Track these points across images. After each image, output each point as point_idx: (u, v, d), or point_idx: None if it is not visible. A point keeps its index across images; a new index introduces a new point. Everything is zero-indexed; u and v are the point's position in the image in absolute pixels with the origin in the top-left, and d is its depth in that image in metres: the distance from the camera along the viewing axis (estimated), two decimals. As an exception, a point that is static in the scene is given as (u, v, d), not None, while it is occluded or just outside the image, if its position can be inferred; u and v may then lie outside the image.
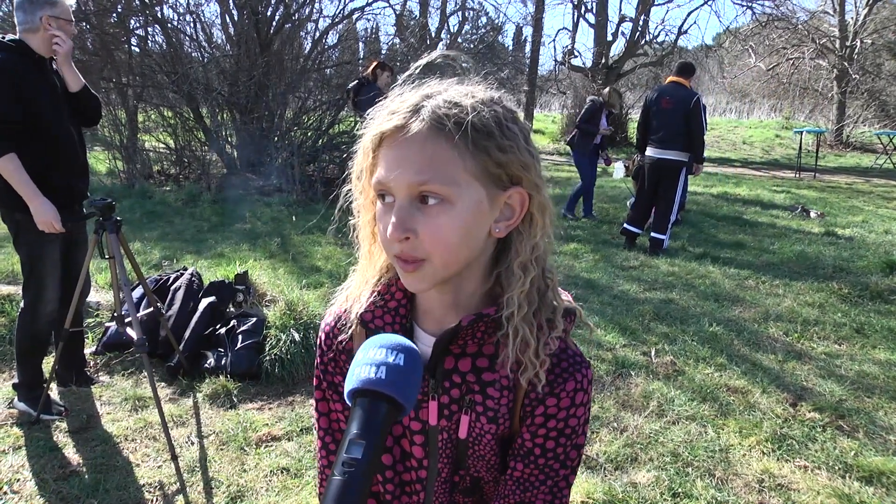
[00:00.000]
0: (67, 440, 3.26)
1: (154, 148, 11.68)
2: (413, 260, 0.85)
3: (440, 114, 0.82)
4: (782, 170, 15.88)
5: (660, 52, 21.50)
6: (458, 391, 0.96)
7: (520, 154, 0.86)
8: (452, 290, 0.94)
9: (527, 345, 0.91)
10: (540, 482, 0.99)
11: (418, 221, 0.83)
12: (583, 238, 7.65)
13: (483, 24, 24.14)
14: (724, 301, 5.40)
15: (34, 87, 3.12)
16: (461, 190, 0.83)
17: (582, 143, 8.67)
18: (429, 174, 0.81)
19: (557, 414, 0.96)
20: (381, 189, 0.85)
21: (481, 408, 0.96)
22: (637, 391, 3.78)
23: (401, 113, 0.83)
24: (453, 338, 0.93)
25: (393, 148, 0.84)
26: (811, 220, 8.97)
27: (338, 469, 0.68)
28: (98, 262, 5.58)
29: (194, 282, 4.54)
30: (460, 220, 0.83)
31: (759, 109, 27.70)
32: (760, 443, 3.25)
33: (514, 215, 0.90)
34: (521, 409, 0.97)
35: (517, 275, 0.91)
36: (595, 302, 5.29)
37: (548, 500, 1.01)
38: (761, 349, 4.41)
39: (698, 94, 6.88)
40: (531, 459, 0.98)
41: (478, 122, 0.82)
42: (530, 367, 0.91)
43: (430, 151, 0.82)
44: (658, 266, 6.47)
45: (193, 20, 11.88)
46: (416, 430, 1.00)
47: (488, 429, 0.97)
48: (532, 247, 0.91)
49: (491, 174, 0.85)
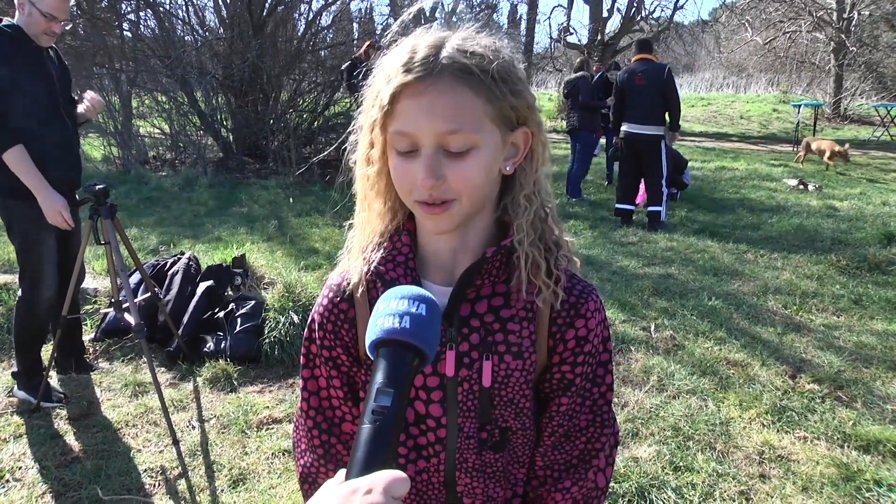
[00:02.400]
0: (68, 427, 3.26)
1: (149, 133, 11.61)
2: (441, 202, 0.89)
3: (462, 62, 0.85)
4: (780, 143, 15.82)
5: (656, 28, 21.32)
6: (477, 336, 0.96)
7: (528, 96, 0.92)
8: (462, 233, 0.97)
9: (538, 267, 0.95)
10: (580, 406, 1.03)
11: (447, 167, 0.87)
12: (581, 215, 7.63)
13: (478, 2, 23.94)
14: (722, 275, 5.39)
15: (26, 74, 3.08)
16: (484, 135, 0.88)
17: (591, 120, 8.58)
18: (456, 123, 0.85)
19: (588, 335, 0.99)
20: (402, 139, 0.88)
21: (504, 346, 0.96)
22: (637, 366, 3.78)
23: (417, 64, 0.85)
24: (475, 274, 0.95)
25: (416, 98, 0.85)
26: (809, 193, 8.95)
27: (368, 417, 0.69)
28: (95, 248, 5.57)
29: (192, 266, 4.52)
30: (485, 161, 0.88)
31: (757, 84, 27.56)
32: (760, 415, 3.26)
33: (519, 153, 0.95)
34: (550, 339, 0.99)
35: (523, 205, 0.95)
36: (594, 278, 5.28)
37: (590, 418, 1.04)
38: (760, 322, 4.42)
39: (668, 65, 7.04)
40: (575, 389, 1.01)
41: (494, 69, 0.87)
42: (545, 288, 0.95)
43: (456, 99, 0.85)
44: (657, 241, 6.46)
45: (185, 3, 11.78)
46: (434, 385, 0.98)
47: (515, 366, 0.97)
48: (535, 180, 0.97)
49: (505, 117, 0.90)
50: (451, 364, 0.96)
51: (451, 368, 0.97)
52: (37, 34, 3.12)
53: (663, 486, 2.71)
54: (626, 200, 7.37)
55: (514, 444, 1.02)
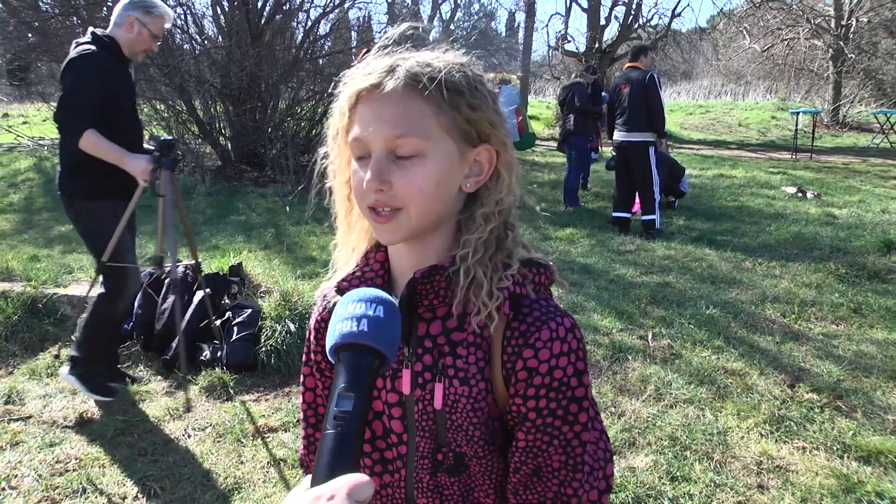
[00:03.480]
0: (65, 435, 3.25)
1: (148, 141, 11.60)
2: (388, 208, 0.89)
3: (414, 72, 0.88)
4: (779, 151, 15.84)
5: (654, 36, 21.38)
6: (430, 357, 0.95)
7: (488, 112, 0.92)
8: (421, 249, 0.97)
9: (479, 287, 0.92)
10: (547, 444, 0.95)
11: (393, 173, 0.88)
12: (578, 223, 7.63)
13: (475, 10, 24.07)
14: (720, 283, 5.39)
15: (118, 83, 3.29)
16: (434, 143, 0.89)
17: (585, 126, 8.61)
18: (404, 127, 0.87)
19: (539, 367, 0.92)
20: (357, 145, 0.90)
21: (452, 370, 0.94)
22: (634, 375, 3.77)
23: (376, 72, 0.89)
24: (412, 294, 0.94)
25: (369, 104, 0.89)
26: (808, 200, 8.96)
27: (330, 423, 0.69)
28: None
29: (189, 274, 4.51)
30: (434, 171, 0.89)
31: (755, 91, 27.61)
32: (759, 425, 3.24)
33: (482, 171, 0.95)
34: (504, 370, 0.94)
35: (478, 222, 0.95)
36: (591, 287, 5.27)
37: (563, 459, 0.95)
38: (758, 331, 4.41)
39: (651, 71, 7.13)
40: (529, 425, 0.94)
41: (449, 80, 0.89)
42: (482, 307, 0.92)
43: (405, 106, 0.87)
44: (654, 250, 6.46)
45: (184, 12, 11.80)
46: (394, 402, 0.98)
47: (462, 391, 0.94)
48: (496, 201, 0.96)
49: (462, 130, 0.91)
50: (406, 383, 0.97)
51: (408, 387, 0.97)
52: (136, 51, 3.36)
53: (660, 497, 2.70)
54: (622, 209, 7.41)
55: (472, 470, 0.98)
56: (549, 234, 7.12)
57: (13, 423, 3.34)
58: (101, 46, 3.26)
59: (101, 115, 3.21)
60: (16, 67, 18.57)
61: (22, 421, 3.36)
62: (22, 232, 7.47)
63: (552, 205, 8.82)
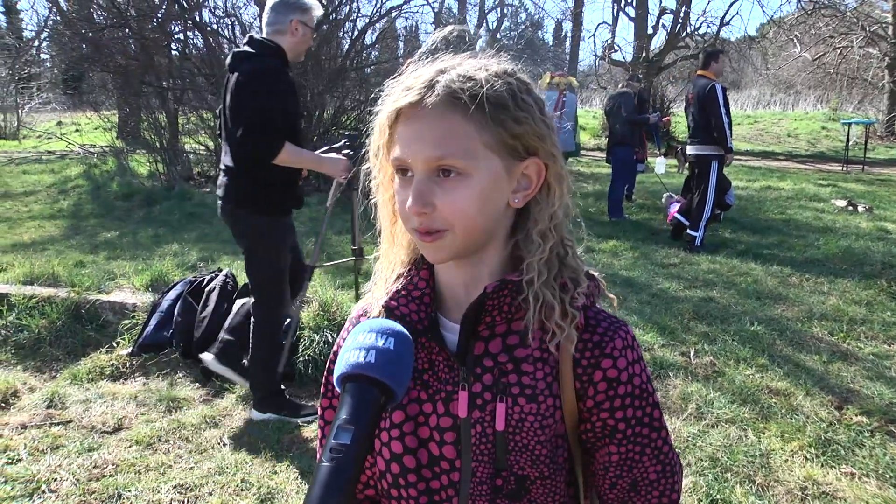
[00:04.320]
0: (103, 441, 3.30)
1: (194, 150, 11.85)
2: (433, 231, 0.87)
3: (455, 88, 0.84)
4: (829, 163, 15.42)
5: (701, 45, 21.05)
6: (490, 376, 0.92)
7: (535, 125, 0.88)
8: (472, 266, 0.94)
9: (551, 309, 0.90)
10: (639, 454, 0.96)
11: (437, 195, 0.85)
12: (622, 235, 7.51)
13: (522, 20, 24.05)
14: (766, 299, 5.23)
15: (293, 92, 3.28)
16: (478, 162, 0.85)
17: (632, 136, 8.49)
18: (445, 148, 0.83)
19: (619, 376, 0.93)
20: (399, 164, 0.87)
21: (517, 388, 0.92)
22: (675, 393, 3.68)
23: (416, 89, 0.85)
24: (480, 311, 0.91)
25: (409, 123, 0.85)
26: (859, 214, 8.68)
27: (326, 455, 0.67)
28: (135, 262, 5.68)
29: (228, 283, 4.56)
30: (478, 191, 0.85)
31: (805, 101, 26.97)
32: (804, 448, 3.13)
33: (531, 185, 0.91)
34: (577, 381, 0.93)
35: (536, 242, 0.91)
36: (633, 301, 5.18)
37: (659, 469, 0.97)
38: (805, 349, 4.26)
39: (713, 82, 6.79)
40: (621, 436, 0.95)
41: (492, 95, 0.84)
42: (559, 331, 0.90)
43: (446, 125, 0.84)
44: (698, 263, 6.32)
45: (232, 23, 12.03)
46: (447, 426, 0.93)
47: (528, 409, 0.91)
48: (550, 215, 0.92)
49: (507, 145, 0.87)
50: (463, 405, 0.93)
51: (464, 410, 0.93)
52: (301, 52, 3.34)
53: (699, 521, 2.62)
54: (686, 214, 7.26)
55: (534, 494, 0.95)
56: (592, 246, 7.03)
57: (54, 427, 3.41)
58: (275, 57, 3.18)
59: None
60: (70, 77, 19.19)
61: (62, 425, 3.43)
62: (69, 238, 7.67)
63: (596, 216, 8.72)
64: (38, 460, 3.11)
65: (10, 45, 17.54)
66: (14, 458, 3.13)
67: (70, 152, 14.10)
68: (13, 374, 3.98)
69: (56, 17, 14.10)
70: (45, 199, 10.15)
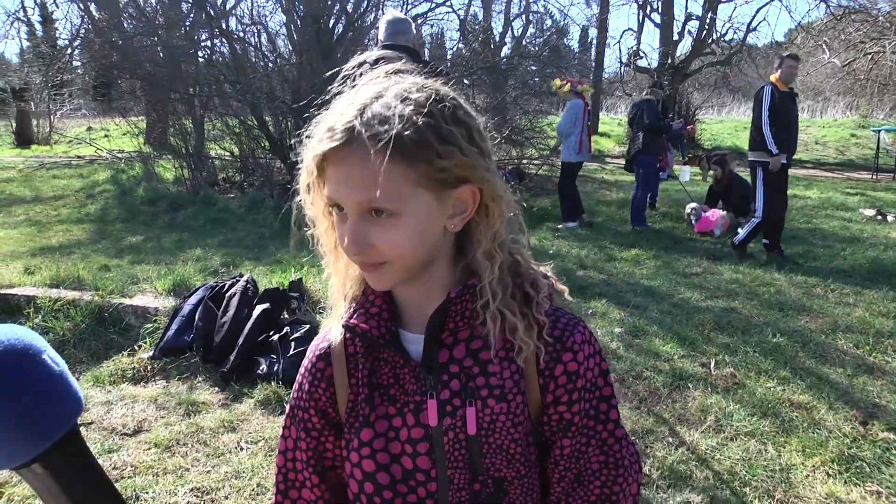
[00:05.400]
0: (122, 442, 3.34)
1: (219, 156, 11.99)
2: (373, 264, 0.88)
3: (374, 132, 0.82)
4: (858, 171, 15.18)
5: (727, 51, 20.87)
6: (457, 382, 0.93)
7: (462, 156, 0.86)
8: (424, 283, 0.95)
9: (513, 326, 0.92)
10: (585, 445, 0.97)
11: (372, 234, 0.85)
12: (644, 244, 7.45)
13: (548, 26, 24.01)
14: (789, 310, 5.16)
15: None
16: (408, 202, 0.85)
17: (655, 144, 8.43)
18: (373, 192, 0.82)
19: (578, 369, 0.95)
20: (333, 202, 0.88)
21: (486, 390, 0.93)
22: (694, 405, 3.64)
23: (338, 131, 0.84)
24: (444, 317, 0.92)
25: (336, 166, 0.85)
26: (888, 224, 8.52)
27: None
28: (159, 266, 5.75)
29: (249, 289, 4.60)
30: (411, 228, 0.86)
31: (834, 108, 26.60)
32: (826, 463, 3.07)
33: (467, 209, 0.91)
34: (539, 377, 0.95)
35: (484, 264, 0.92)
36: (654, 310, 5.13)
37: (602, 459, 0.98)
38: (829, 362, 4.19)
39: (766, 84, 6.57)
40: (574, 429, 0.96)
41: (412, 136, 0.82)
42: (524, 347, 0.92)
43: (372, 170, 0.82)
44: (721, 273, 6.25)
45: (258, 30, 12.17)
46: (419, 437, 0.94)
47: (499, 409, 0.92)
48: (492, 235, 0.92)
49: (435, 179, 0.86)
50: (433, 413, 0.93)
51: (434, 418, 0.93)
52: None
53: (716, 536, 2.58)
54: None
55: (512, 495, 0.96)
56: (613, 255, 6.99)
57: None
58: None
59: None
60: (100, 84, 19.53)
61: (84, 426, 3.47)
62: (96, 242, 7.79)
63: (619, 224, 8.67)
64: (59, 462, 3.15)
65: (45, 52, 17.89)
66: (36, 458, 3.18)
67: (98, 157, 14.34)
68: (37, 376, 4.04)
69: (88, 25, 14.34)
70: (73, 204, 10.34)
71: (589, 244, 7.50)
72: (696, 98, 22.60)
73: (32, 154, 17.34)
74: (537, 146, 13.05)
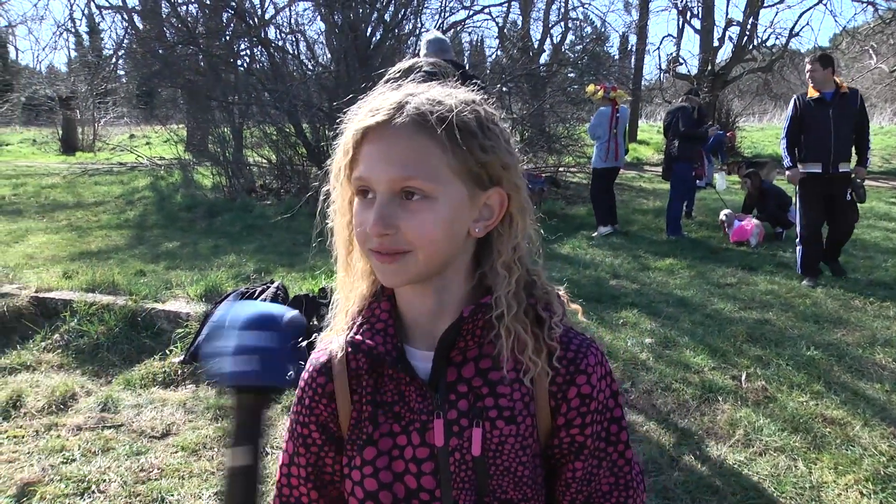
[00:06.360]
0: (151, 445, 3.40)
1: (257, 163, 12.17)
2: (393, 252, 0.85)
3: (424, 110, 0.83)
4: (905, 180, 14.76)
5: (769, 57, 20.52)
6: (465, 402, 0.92)
7: (501, 154, 0.88)
8: (435, 294, 0.93)
9: (524, 345, 0.90)
10: (596, 467, 0.97)
11: (400, 217, 0.84)
12: (679, 253, 7.34)
13: (587, 33, 23.89)
14: (825, 323, 5.02)
15: None
16: (443, 186, 0.84)
17: (690, 151, 8.31)
18: (412, 170, 0.82)
19: (592, 392, 0.93)
20: (361, 185, 0.86)
21: (495, 412, 0.91)
22: (723, 418, 3.57)
23: (384, 109, 0.84)
24: (455, 336, 0.90)
25: (375, 143, 0.84)
26: (934, 234, 8.27)
27: (226, 478, 0.75)
28: (191, 272, 5.84)
29: (279, 295, 4.65)
30: (442, 215, 0.85)
31: (880, 115, 25.95)
32: (859, 482, 2.98)
33: (493, 216, 0.91)
34: (551, 399, 0.93)
35: (502, 275, 0.91)
36: (686, 321, 5.05)
37: (612, 481, 0.98)
38: (865, 377, 4.07)
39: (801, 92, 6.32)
40: (587, 452, 0.95)
41: (460, 120, 0.84)
42: (531, 367, 0.90)
43: (414, 147, 0.83)
44: (756, 283, 6.12)
45: (296, 39, 12.35)
46: (424, 457, 0.92)
47: (508, 431, 0.91)
48: (513, 247, 0.92)
49: (472, 173, 0.86)
50: (439, 433, 0.91)
51: (441, 438, 0.91)
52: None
53: (740, 553, 2.52)
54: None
55: None
56: (648, 264, 6.90)
57: (106, 430, 3.53)
58: None
59: None
60: (142, 92, 20.03)
61: (114, 429, 3.55)
62: (133, 247, 7.96)
63: (654, 233, 8.56)
64: (90, 461, 3.23)
65: (91, 62, 18.42)
66: (69, 458, 3.26)
67: (139, 164, 14.68)
68: (72, 378, 4.15)
69: (132, 35, 14.73)
70: (113, 210, 10.58)
71: (623, 253, 7.42)
72: (737, 105, 22.25)
73: (77, 161, 17.82)
74: (574, 154, 12.98)
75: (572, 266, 6.78)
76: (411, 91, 0.87)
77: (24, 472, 3.12)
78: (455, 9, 13.74)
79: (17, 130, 26.70)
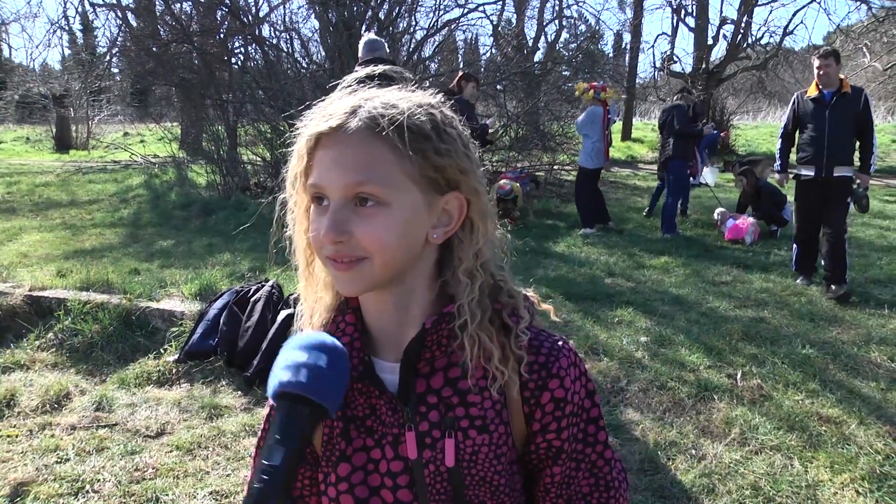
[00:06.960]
0: (145, 444, 3.39)
1: (251, 161, 12.14)
2: (349, 259, 0.84)
3: (377, 114, 0.82)
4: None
5: (763, 55, 20.53)
6: (436, 413, 0.90)
7: (458, 158, 0.87)
8: (398, 303, 0.91)
9: (489, 353, 0.88)
10: (575, 469, 0.96)
11: (354, 223, 0.82)
12: (674, 251, 7.35)
13: (581, 31, 23.86)
14: (820, 321, 5.03)
15: None
16: (398, 192, 0.83)
17: (685, 150, 8.33)
18: (365, 175, 0.81)
19: (566, 395, 0.92)
20: (316, 192, 0.85)
21: (467, 421, 0.90)
22: (719, 416, 3.57)
23: (337, 115, 0.83)
24: (420, 347, 0.89)
25: (329, 148, 0.83)
26: (928, 233, 8.29)
27: (257, 476, 0.71)
28: (187, 271, 5.82)
29: (274, 293, 4.64)
30: (397, 221, 0.83)
31: (874, 113, 25.95)
32: (855, 480, 2.98)
33: (452, 221, 0.89)
34: (525, 405, 0.92)
35: (464, 282, 0.89)
36: (681, 319, 5.05)
37: (592, 482, 0.97)
38: (861, 375, 4.08)
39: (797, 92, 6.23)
40: (565, 456, 0.94)
41: (414, 124, 0.83)
42: (498, 376, 0.88)
43: (367, 152, 0.82)
44: (751, 282, 6.13)
45: (291, 37, 12.31)
46: (398, 470, 0.91)
47: (481, 440, 0.89)
48: (475, 253, 0.90)
49: (428, 178, 0.85)
50: (412, 446, 0.90)
51: (414, 451, 0.90)
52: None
53: (736, 552, 2.52)
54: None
55: None
56: (643, 262, 6.90)
57: (101, 430, 3.51)
58: None
59: None
60: (136, 90, 19.95)
61: (108, 428, 3.53)
62: (127, 245, 7.93)
63: (650, 231, 8.57)
64: (84, 461, 3.21)
65: (85, 60, 18.32)
66: (63, 457, 3.25)
67: (133, 162, 14.62)
68: (66, 377, 4.13)
69: (126, 33, 14.66)
70: (107, 208, 10.53)
71: (618, 251, 7.42)
72: (731, 103, 22.26)
73: (70, 159, 17.75)
74: (569, 152, 12.98)
75: (567, 264, 6.78)
76: (366, 95, 0.86)
77: (18, 471, 3.10)
78: (449, 7, 13.71)
79: (10, 128, 26.56)
